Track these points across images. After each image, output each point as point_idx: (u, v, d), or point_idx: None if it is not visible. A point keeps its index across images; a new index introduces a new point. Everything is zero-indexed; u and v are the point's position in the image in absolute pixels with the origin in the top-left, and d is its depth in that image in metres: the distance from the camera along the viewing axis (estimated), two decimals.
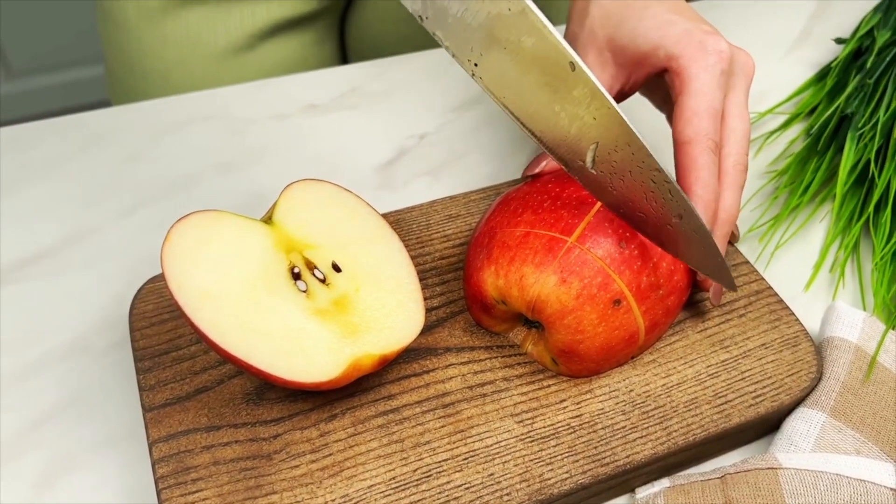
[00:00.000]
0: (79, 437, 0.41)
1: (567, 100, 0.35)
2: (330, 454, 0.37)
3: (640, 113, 0.52)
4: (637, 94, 0.49)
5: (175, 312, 0.42)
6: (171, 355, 0.40)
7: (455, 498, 0.36)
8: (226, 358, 0.36)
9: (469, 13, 0.34)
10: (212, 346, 0.36)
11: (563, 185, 0.41)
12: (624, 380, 0.40)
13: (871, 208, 0.50)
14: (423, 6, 0.34)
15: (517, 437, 0.38)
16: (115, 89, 0.73)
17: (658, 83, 0.47)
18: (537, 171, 0.43)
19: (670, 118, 0.48)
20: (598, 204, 0.39)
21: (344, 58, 0.80)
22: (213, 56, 0.67)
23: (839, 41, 0.65)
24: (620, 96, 0.46)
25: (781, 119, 0.59)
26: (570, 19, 0.47)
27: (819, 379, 0.41)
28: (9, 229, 0.50)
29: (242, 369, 0.37)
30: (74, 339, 0.45)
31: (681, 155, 0.41)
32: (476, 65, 0.35)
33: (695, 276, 0.42)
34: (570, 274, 0.38)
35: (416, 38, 0.74)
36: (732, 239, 0.45)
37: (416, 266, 0.41)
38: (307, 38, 0.71)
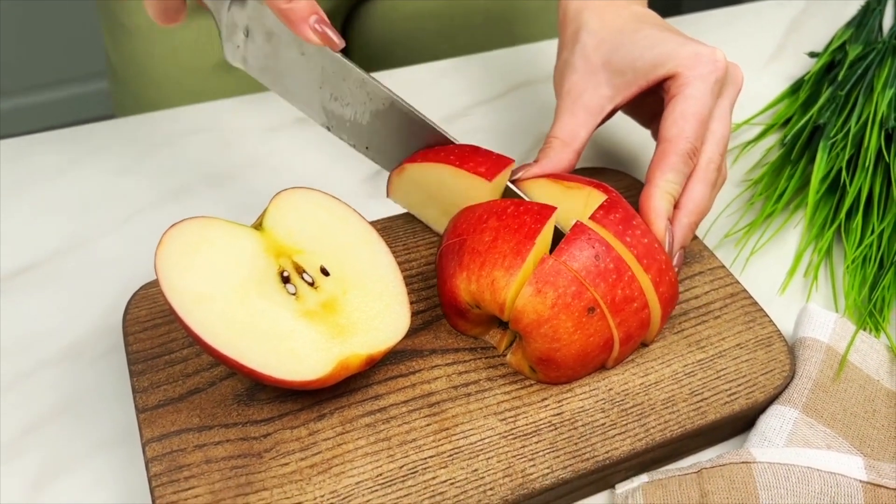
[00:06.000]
0: (75, 439, 0.42)
1: None
2: (319, 452, 0.38)
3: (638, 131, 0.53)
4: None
5: (168, 317, 0.43)
6: (163, 358, 0.41)
7: (440, 493, 0.37)
8: (217, 358, 0.37)
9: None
10: (204, 347, 0.37)
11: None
12: (603, 379, 0.42)
13: (842, 215, 0.52)
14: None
15: (500, 434, 0.39)
16: (123, 99, 0.73)
17: (645, 101, 0.48)
18: (529, 175, 0.46)
19: (656, 135, 0.50)
20: (556, 210, 0.41)
21: None
22: (224, 62, 0.69)
23: (812, 55, 0.67)
24: (609, 116, 0.48)
25: (757, 130, 0.61)
26: (561, 47, 0.50)
27: (792, 377, 0.43)
28: (5, 239, 0.51)
29: (234, 369, 0.38)
30: (69, 346, 0.46)
31: (657, 151, 0.44)
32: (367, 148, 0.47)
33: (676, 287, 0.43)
34: (544, 284, 0.39)
35: (419, 42, 0.75)
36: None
37: (402, 271, 0.42)
38: None
